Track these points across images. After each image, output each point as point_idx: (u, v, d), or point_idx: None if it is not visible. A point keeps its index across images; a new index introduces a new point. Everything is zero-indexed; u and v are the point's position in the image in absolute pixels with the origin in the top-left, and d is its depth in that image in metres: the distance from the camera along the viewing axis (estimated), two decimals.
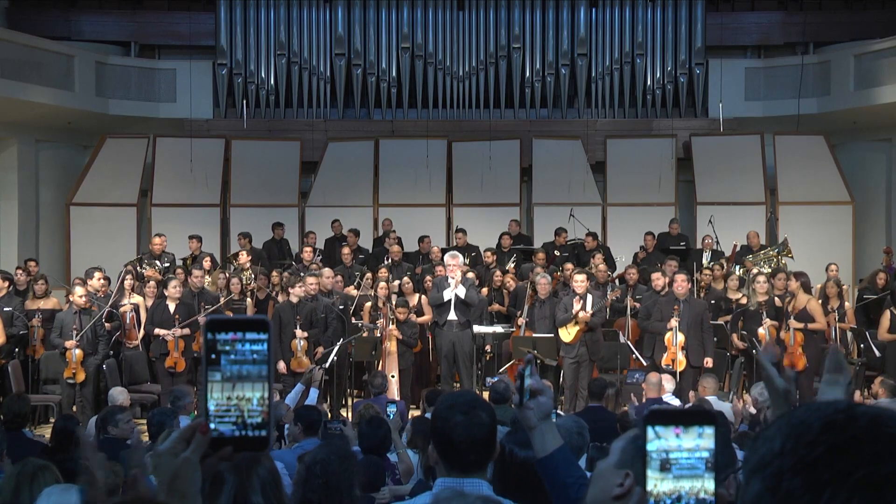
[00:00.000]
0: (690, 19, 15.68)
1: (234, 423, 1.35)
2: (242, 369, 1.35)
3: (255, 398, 1.35)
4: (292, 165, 14.99)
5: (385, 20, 15.64)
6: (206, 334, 1.35)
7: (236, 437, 1.35)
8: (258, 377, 1.35)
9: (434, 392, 7.44)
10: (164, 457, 1.38)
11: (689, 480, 1.29)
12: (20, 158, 14.15)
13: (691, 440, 1.30)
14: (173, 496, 1.35)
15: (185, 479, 1.36)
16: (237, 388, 1.35)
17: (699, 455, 1.30)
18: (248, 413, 1.35)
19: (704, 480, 1.29)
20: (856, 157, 15.30)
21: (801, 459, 0.94)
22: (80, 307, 9.38)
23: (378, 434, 4.77)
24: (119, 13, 15.97)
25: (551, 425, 2.13)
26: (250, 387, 1.35)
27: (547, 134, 15.38)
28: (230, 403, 1.35)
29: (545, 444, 2.12)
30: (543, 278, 10.28)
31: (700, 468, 1.29)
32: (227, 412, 1.35)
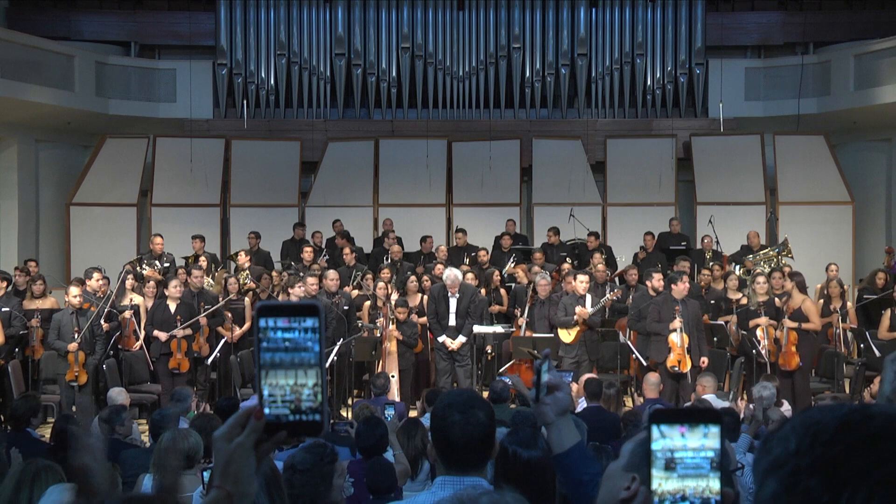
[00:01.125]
0: (690, 19, 15.68)
1: (289, 408, 1.36)
2: (296, 355, 1.35)
3: (308, 383, 1.36)
4: (292, 165, 14.99)
5: (385, 20, 15.65)
6: (258, 320, 1.35)
7: (291, 421, 1.36)
8: (311, 362, 1.36)
9: (434, 392, 7.43)
10: (219, 442, 1.39)
11: (693, 480, 1.29)
12: (20, 158, 14.15)
13: (696, 439, 1.30)
14: (227, 480, 1.37)
15: (239, 464, 1.37)
16: (290, 374, 1.35)
17: (704, 455, 1.29)
18: (302, 398, 1.36)
19: (709, 480, 1.29)
20: (856, 157, 15.30)
21: (818, 459, 0.94)
22: (76, 307, 9.37)
23: (375, 434, 4.76)
24: (119, 13, 15.97)
25: (568, 421, 2.12)
26: (303, 372, 1.35)
27: (547, 134, 15.38)
28: (284, 389, 1.35)
29: (562, 440, 2.11)
30: (543, 279, 10.28)
31: (705, 468, 1.29)
32: (282, 397, 1.36)
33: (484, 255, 12.34)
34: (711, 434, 1.30)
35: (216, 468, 1.40)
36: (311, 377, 1.36)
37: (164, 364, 9.67)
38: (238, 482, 1.38)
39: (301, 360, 1.35)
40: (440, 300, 9.99)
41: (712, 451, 1.29)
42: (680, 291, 9.28)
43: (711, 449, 1.29)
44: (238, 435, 1.38)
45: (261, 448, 1.38)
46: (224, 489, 1.37)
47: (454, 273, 10.16)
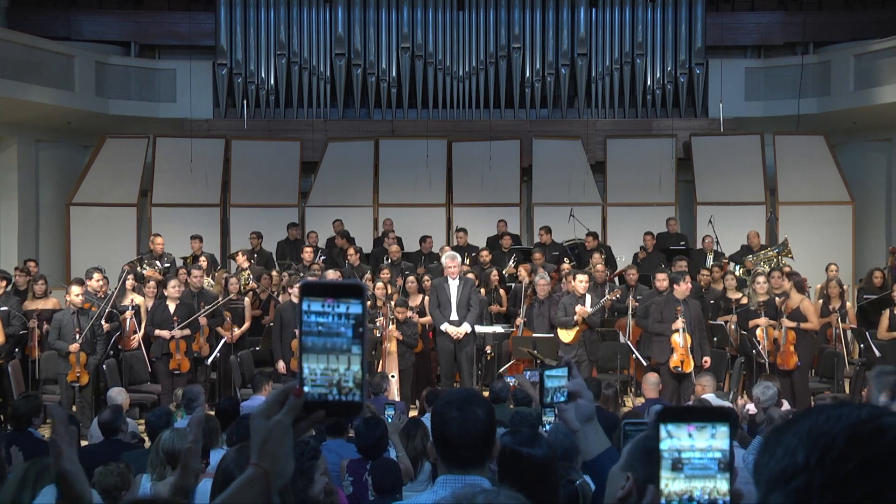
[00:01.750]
0: (690, 19, 15.68)
1: (328, 388, 1.35)
2: (336, 333, 1.35)
3: (348, 363, 1.35)
4: (292, 165, 14.99)
5: (385, 20, 15.64)
6: (301, 299, 1.35)
7: (329, 401, 1.35)
8: (352, 341, 1.35)
9: (434, 392, 7.43)
10: (258, 419, 1.39)
11: (701, 480, 1.28)
12: (20, 158, 14.15)
13: (704, 440, 1.29)
14: (264, 458, 1.37)
15: (276, 442, 1.37)
16: (332, 354, 1.35)
17: (712, 455, 1.29)
18: (342, 377, 1.35)
19: (717, 481, 1.28)
20: (856, 157, 15.30)
21: (829, 477, 0.92)
22: (77, 307, 9.37)
23: (374, 434, 4.76)
24: (119, 13, 15.96)
25: (595, 428, 2.11)
26: (345, 353, 1.35)
27: (547, 134, 15.38)
28: (324, 368, 1.35)
29: (590, 447, 2.10)
30: (542, 279, 10.28)
31: (713, 468, 1.28)
32: (321, 376, 1.35)
33: (485, 255, 12.34)
34: (719, 434, 1.29)
35: (253, 446, 1.39)
36: (351, 358, 1.35)
37: (164, 364, 9.67)
38: (275, 460, 1.37)
39: (342, 339, 1.35)
40: (441, 289, 10.01)
41: (720, 452, 1.28)
42: (682, 292, 9.29)
43: (719, 450, 1.29)
44: (276, 412, 1.37)
45: (298, 426, 1.38)
46: (261, 467, 1.37)
47: (452, 253, 10.25)
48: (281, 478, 1.38)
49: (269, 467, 1.37)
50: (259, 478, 1.37)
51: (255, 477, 1.37)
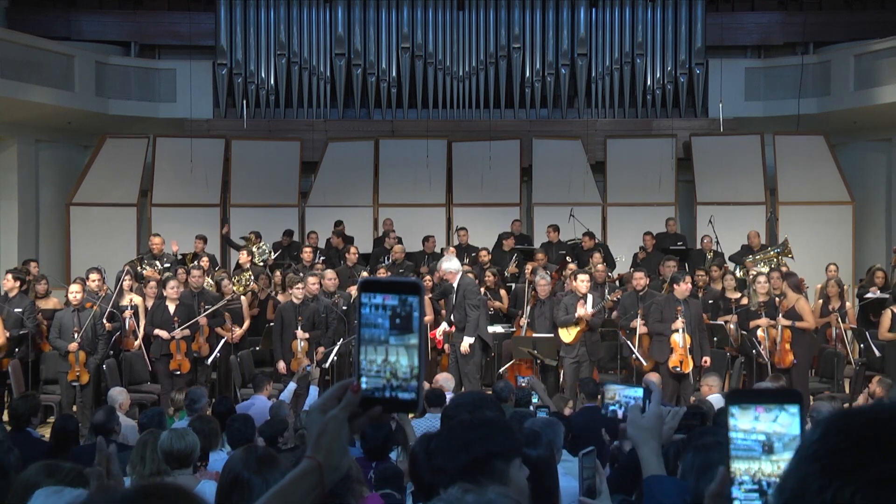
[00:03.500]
0: (690, 19, 15.68)
1: (385, 385, 1.37)
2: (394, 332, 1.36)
3: (405, 361, 1.36)
4: (292, 165, 14.99)
5: (385, 20, 15.65)
6: (361, 296, 1.37)
7: (386, 398, 1.37)
8: (410, 340, 1.36)
9: (434, 392, 7.42)
10: (314, 413, 1.41)
11: (744, 462, 1.30)
12: (20, 158, 14.14)
13: (748, 421, 1.30)
14: (319, 451, 1.39)
15: (331, 436, 1.39)
16: (390, 351, 1.36)
17: (755, 437, 1.30)
18: (399, 375, 1.36)
19: (762, 462, 1.29)
20: (856, 157, 15.30)
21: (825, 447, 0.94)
22: (76, 305, 9.37)
23: (379, 436, 4.75)
24: (119, 13, 15.97)
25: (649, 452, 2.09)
26: (403, 349, 1.36)
27: (547, 134, 15.38)
28: (382, 365, 1.36)
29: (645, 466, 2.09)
30: (543, 279, 10.28)
31: (757, 450, 1.30)
32: (379, 373, 1.36)
33: (484, 255, 12.33)
34: (763, 417, 1.30)
35: (309, 439, 1.41)
36: (409, 355, 1.37)
37: (164, 365, 9.66)
38: (330, 454, 1.39)
39: (400, 337, 1.36)
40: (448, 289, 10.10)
41: (763, 434, 1.29)
42: (682, 292, 9.30)
43: (763, 432, 1.29)
44: (333, 407, 1.39)
45: (355, 422, 1.40)
46: (315, 460, 1.39)
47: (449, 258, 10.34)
48: (335, 471, 1.40)
49: (324, 460, 1.39)
50: (314, 470, 1.39)
51: (309, 469, 1.39)
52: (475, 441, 1.84)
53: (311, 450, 1.40)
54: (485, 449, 1.83)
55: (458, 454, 1.83)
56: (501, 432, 1.87)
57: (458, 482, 1.80)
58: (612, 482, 2.94)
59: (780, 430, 1.29)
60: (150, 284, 10.31)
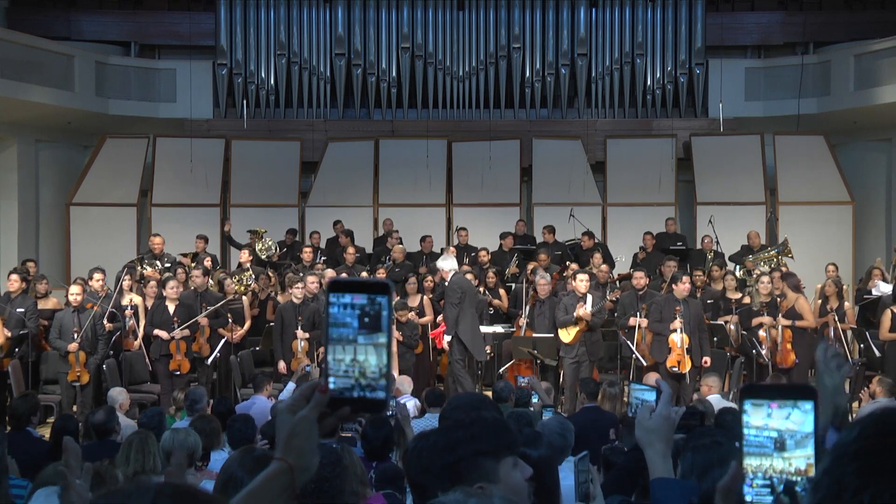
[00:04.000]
0: (690, 19, 15.68)
1: (353, 385, 1.36)
2: (363, 331, 1.36)
3: (374, 361, 1.36)
4: (292, 165, 14.99)
5: (385, 20, 15.64)
6: (329, 296, 1.36)
7: (354, 397, 1.37)
8: (378, 340, 1.36)
9: (434, 392, 7.43)
10: (283, 414, 1.41)
11: (756, 458, 1.30)
12: (20, 158, 14.14)
13: (760, 417, 1.30)
14: (290, 453, 1.38)
15: (302, 437, 1.38)
16: (358, 351, 1.36)
17: (768, 434, 1.30)
18: (367, 375, 1.36)
19: (773, 459, 1.30)
20: (856, 157, 15.30)
21: (864, 447, 0.95)
22: (76, 306, 9.37)
23: (380, 436, 4.75)
24: (119, 13, 15.96)
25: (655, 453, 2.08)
26: (371, 349, 1.36)
27: (547, 134, 15.38)
28: (350, 365, 1.36)
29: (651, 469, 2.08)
30: (542, 278, 10.28)
31: (769, 447, 1.30)
32: (347, 374, 1.36)
33: (484, 256, 12.33)
34: (775, 414, 1.30)
35: (278, 441, 1.40)
36: (378, 354, 1.37)
37: (164, 365, 9.66)
38: (301, 455, 1.39)
39: (368, 337, 1.36)
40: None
41: (776, 431, 1.29)
42: (681, 291, 9.31)
43: (775, 429, 1.29)
44: (302, 408, 1.39)
45: (324, 422, 1.40)
46: (286, 462, 1.38)
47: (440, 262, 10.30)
48: (306, 472, 1.40)
49: (295, 462, 1.38)
50: (284, 472, 1.38)
51: (280, 471, 1.38)
52: (462, 440, 1.84)
53: (282, 451, 1.39)
54: (472, 448, 1.82)
55: (443, 453, 1.83)
56: (492, 431, 1.86)
57: (443, 481, 1.80)
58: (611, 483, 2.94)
59: (792, 428, 1.29)
60: (150, 284, 10.31)
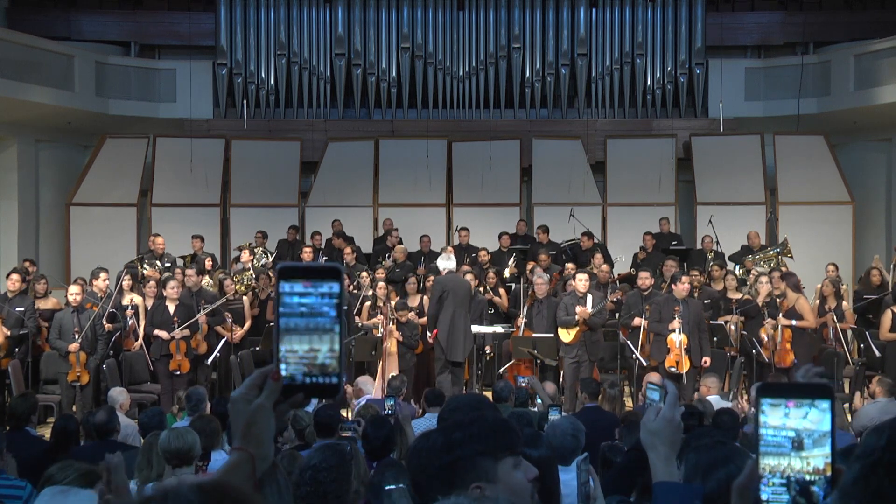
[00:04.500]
0: (690, 19, 15.68)
1: (306, 371, 1.36)
2: (316, 317, 1.35)
3: (325, 346, 1.36)
4: (292, 165, 14.99)
5: (385, 20, 15.64)
6: (279, 282, 1.36)
7: (307, 384, 1.36)
8: (329, 325, 1.36)
9: (434, 392, 7.43)
10: (239, 403, 1.39)
11: (774, 458, 1.30)
12: (20, 158, 14.14)
13: (777, 417, 1.30)
14: (249, 442, 1.37)
15: (260, 425, 1.37)
16: (309, 336, 1.36)
17: (785, 434, 1.30)
18: (319, 360, 1.36)
19: (791, 458, 1.29)
20: (856, 157, 15.30)
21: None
22: (76, 306, 9.36)
23: (380, 435, 4.75)
24: (119, 13, 15.96)
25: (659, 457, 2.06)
26: (322, 335, 1.36)
27: (547, 134, 15.38)
28: (302, 351, 1.36)
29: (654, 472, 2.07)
30: (540, 278, 10.28)
31: (786, 446, 1.30)
32: (300, 360, 1.36)
33: (484, 255, 12.33)
34: (793, 414, 1.30)
35: (235, 431, 1.39)
36: (328, 340, 1.36)
37: (164, 365, 9.66)
38: (260, 444, 1.38)
39: (318, 323, 1.35)
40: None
41: (793, 431, 1.29)
42: (681, 291, 9.32)
43: (793, 428, 1.29)
44: (256, 397, 1.38)
45: (278, 409, 1.39)
46: (247, 451, 1.37)
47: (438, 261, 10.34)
48: (265, 460, 1.39)
49: (255, 451, 1.37)
50: (246, 461, 1.37)
51: (241, 461, 1.37)
52: (460, 441, 1.83)
53: (240, 441, 1.37)
54: (470, 449, 1.81)
55: (441, 453, 1.83)
56: (491, 431, 1.85)
57: (440, 481, 1.80)
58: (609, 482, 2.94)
59: (810, 427, 1.29)
60: (150, 284, 10.31)
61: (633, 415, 6.44)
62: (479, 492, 1.78)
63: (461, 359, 10.04)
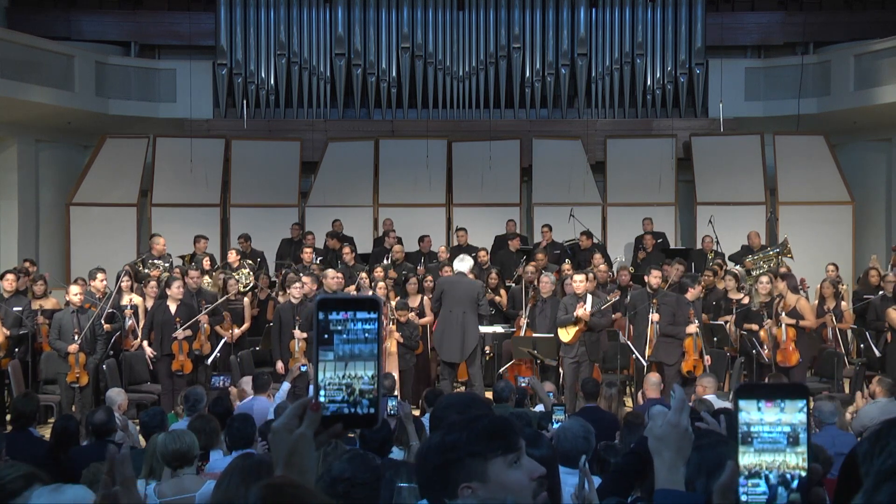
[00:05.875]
0: (690, 19, 15.68)
1: (345, 401, 1.39)
2: (354, 348, 1.38)
3: (365, 377, 1.39)
4: (292, 165, 14.99)
5: (385, 20, 15.64)
6: (318, 314, 1.39)
7: (346, 414, 1.39)
8: (369, 356, 1.39)
9: (433, 392, 7.43)
10: (280, 433, 1.41)
11: (770, 455, 1.31)
12: (20, 158, 14.14)
13: (773, 413, 1.30)
14: (292, 470, 1.39)
15: (302, 454, 1.40)
16: (348, 367, 1.38)
17: (781, 429, 1.30)
18: (358, 391, 1.39)
19: (787, 455, 1.30)
20: (856, 157, 15.30)
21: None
22: (76, 306, 9.36)
23: (378, 437, 4.75)
24: (119, 13, 15.96)
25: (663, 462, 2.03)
26: (361, 365, 1.38)
27: (547, 134, 15.38)
28: (341, 382, 1.38)
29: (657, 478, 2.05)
30: (546, 276, 10.28)
31: (782, 442, 1.30)
32: (338, 390, 1.39)
33: (484, 255, 12.33)
34: (788, 408, 1.30)
35: (277, 459, 1.41)
36: (368, 370, 1.39)
37: (165, 365, 9.66)
38: (303, 472, 1.40)
39: (360, 352, 1.38)
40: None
41: (789, 426, 1.30)
42: (695, 295, 9.34)
43: (789, 423, 1.30)
44: (297, 426, 1.40)
45: (318, 439, 1.41)
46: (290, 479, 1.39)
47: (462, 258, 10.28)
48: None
49: (298, 479, 1.39)
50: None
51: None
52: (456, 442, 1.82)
53: (283, 469, 1.40)
54: (464, 450, 1.81)
55: (436, 454, 1.82)
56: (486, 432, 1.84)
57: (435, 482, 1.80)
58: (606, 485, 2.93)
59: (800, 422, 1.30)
60: (150, 285, 10.30)
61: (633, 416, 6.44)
62: (469, 492, 1.78)
63: (454, 359, 9.91)
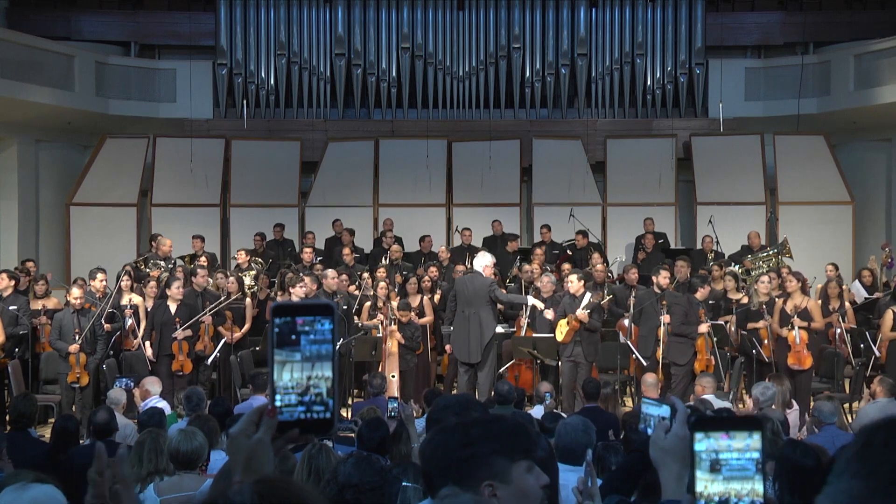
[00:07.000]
0: (690, 19, 15.68)
1: (300, 406, 1.40)
2: (307, 354, 1.39)
3: (320, 382, 1.39)
4: (292, 165, 14.99)
5: (385, 20, 15.64)
6: (273, 320, 1.39)
7: (302, 419, 1.40)
8: (323, 362, 1.39)
9: (433, 392, 7.44)
10: (238, 439, 1.43)
11: (739, 482, 1.29)
12: (20, 158, 14.14)
13: (741, 440, 1.30)
14: (249, 476, 1.40)
15: (259, 460, 1.41)
16: (303, 373, 1.39)
17: (749, 456, 1.29)
18: (312, 397, 1.40)
19: (755, 482, 1.29)
20: (856, 157, 15.30)
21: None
22: (77, 308, 9.37)
23: (376, 437, 4.75)
24: (119, 13, 15.97)
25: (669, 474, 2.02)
26: (316, 371, 1.39)
27: (547, 134, 15.38)
28: (296, 388, 1.39)
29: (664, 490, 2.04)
30: (546, 276, 10.27)
31: (751, 469, 1.29)
32: (293, 395, 1.40)
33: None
34: (755, 437, 1.30)
35: (235, 465, 1.43)
36: (324, 376, 1.39)
37: (165, 365, 9.66)
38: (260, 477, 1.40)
39: (313, 358, 1.38)
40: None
41: (758, 453, 1.29)
42: (704, 294, 9.34)
43: (757, 450, 1.29)
44: (254, 432, 1.41)
45: (274, 444, 1.42)
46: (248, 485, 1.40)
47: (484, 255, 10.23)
48: None
49: None
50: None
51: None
52: (480, 437, 1.84)
53: (242, 474, 1.41)
54: (488, 447, 1.82)
55: (459, 448, 1.83)
56: (510, 432, 1.86)
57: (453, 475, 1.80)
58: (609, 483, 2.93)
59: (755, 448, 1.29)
60: (151, 285, 10.30)
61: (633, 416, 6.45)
62: (490, 489, 1.79)
63: (467, 359, 9.85)
